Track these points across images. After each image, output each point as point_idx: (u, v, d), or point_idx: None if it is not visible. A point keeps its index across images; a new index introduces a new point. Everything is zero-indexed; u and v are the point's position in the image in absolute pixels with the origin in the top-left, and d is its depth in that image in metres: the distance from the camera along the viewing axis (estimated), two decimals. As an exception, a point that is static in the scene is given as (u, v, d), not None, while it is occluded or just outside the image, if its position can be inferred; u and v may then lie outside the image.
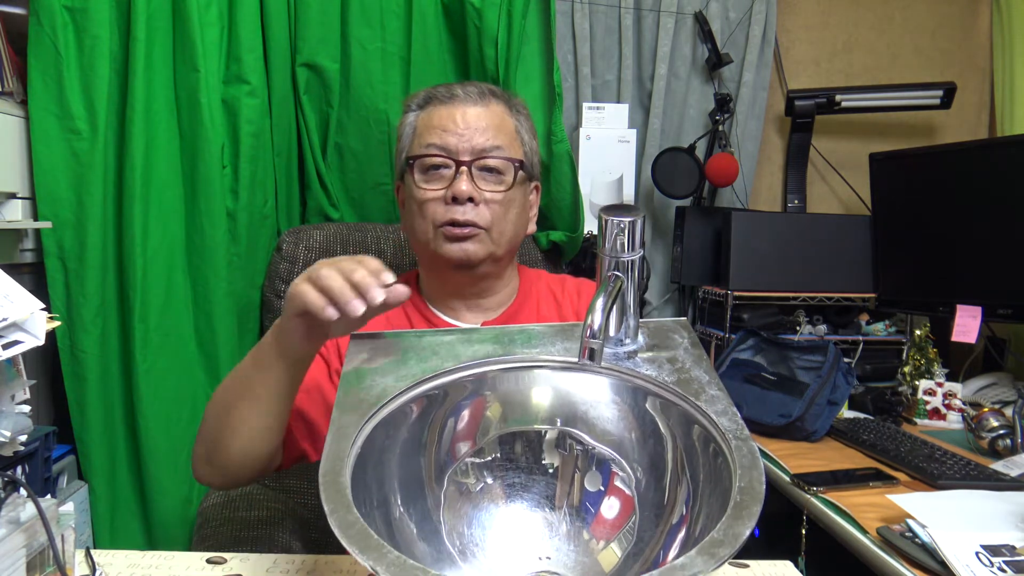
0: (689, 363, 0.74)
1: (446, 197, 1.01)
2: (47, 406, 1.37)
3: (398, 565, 0.52)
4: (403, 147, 1.09)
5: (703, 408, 0.68)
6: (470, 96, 1.05)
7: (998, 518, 1.02)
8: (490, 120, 1.04)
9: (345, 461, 0.62)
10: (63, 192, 1.28)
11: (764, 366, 1.66)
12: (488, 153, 1.03)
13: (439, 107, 1.05)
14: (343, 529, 0.55)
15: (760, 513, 0.56)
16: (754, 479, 0.59)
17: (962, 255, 1.68)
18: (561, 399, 0.76)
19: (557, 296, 1.14)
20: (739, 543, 0.53)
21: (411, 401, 0.72)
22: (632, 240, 0.73)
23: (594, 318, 0.66)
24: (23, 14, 1.28)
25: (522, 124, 1.10)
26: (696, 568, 0.51)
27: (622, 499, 0.73)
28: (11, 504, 0.65)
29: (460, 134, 1.02)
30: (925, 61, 2.10)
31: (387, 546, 0.53)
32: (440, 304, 1.10)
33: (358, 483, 0.62)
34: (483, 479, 0.75)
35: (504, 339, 0.78)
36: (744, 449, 0.62)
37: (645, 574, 0.63)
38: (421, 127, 1.06)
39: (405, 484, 0.71)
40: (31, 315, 0.65)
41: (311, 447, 0.97)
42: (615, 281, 0.72)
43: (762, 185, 2.08)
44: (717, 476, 0.64)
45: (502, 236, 1.04)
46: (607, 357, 0.75)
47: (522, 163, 1.06)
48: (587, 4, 1.87)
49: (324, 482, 0.59)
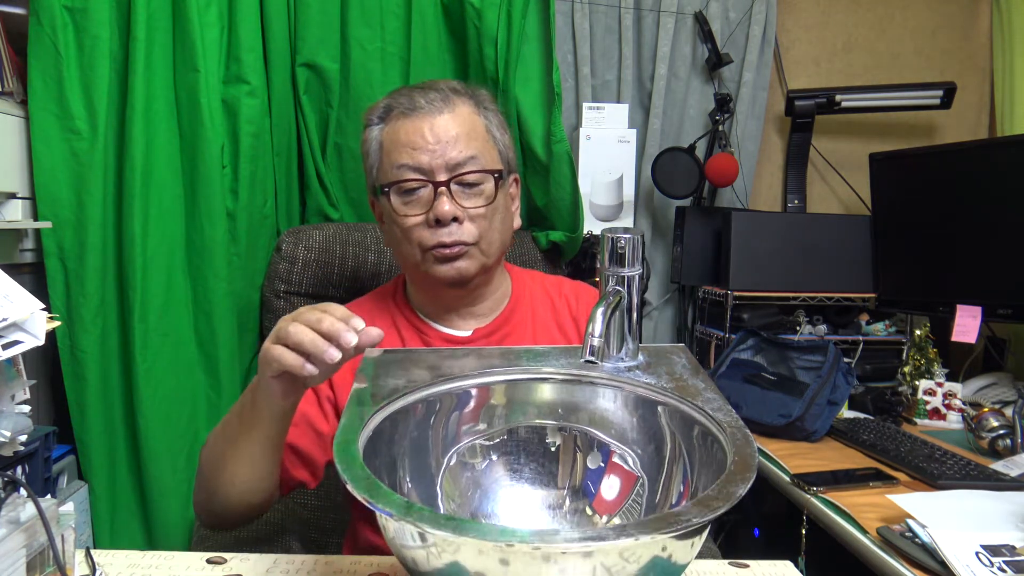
0: (687, 375, 0.78)
1: (428, 220, 0.99)
2: (47, 406, 1.37)
3: (406, 508, 0.55)
4: (372, 165, 1.05)
5: (700, 406, 0.71)
6: (433, 104, 1.00)
7: (998, 518, 1.02)
8: (460, 127, 1.00)
9: (359, 434, 0.65)
10: (63, 192, 1.28)
11: (764, 366, 1.67)
12: (464, 167, 0.99)
13: (403, 120, 1.00)
14: (355, 482, 0.58)
15: (753, 481, 0.59)
16: (747, 454, 0.62)
17: (962, 255, 1.68)
18: (564, 403, 0.80)
19: (553, 299, 1.13)
20: (733, 500, 0.56)
21: (419, 401, 0.76)
22: (632, 256, 0.78)
23: (595, 324, 0.71)
24: (23, 14, 1.28)
25: (491, 120, 1.06)
26: (691, 515, 0.54)
27: (622, 476, 0.77)
28: (11, 504, 0.65)
29: (431, 150, 0.98)
30: (925, 61, 2.10)
31: (395, 494, 0.57)
32: (430, 314, 1.09)
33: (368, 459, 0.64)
34: (488, 458, 0.78)
35: (511, 356, 0.82)
36: (739, 435, 0.66)
37: (641, 518, 0.69)
38: (388, 144, 1.02)
39: (414, 466, 0.75)
40: (31, 315, 0.65)
41: (309, 475, 0.98)
42: (616, 295, 0.77)
43: (762, 185, 2.08)
44: (712, 457, 0.68)
45: (491, 247, 1.02)
46: (608, 371, 0.79)
47: (500, 172, 1.03)
48: (587, 4, 1.87)
49: (338, 449, 0.63)
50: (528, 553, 0.51)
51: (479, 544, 0.52)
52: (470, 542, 0.52)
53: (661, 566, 0.56)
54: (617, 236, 0.78)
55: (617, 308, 0.78)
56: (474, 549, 0.52)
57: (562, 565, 0.52)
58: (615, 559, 0.53)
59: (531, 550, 0.51)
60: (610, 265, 0.78)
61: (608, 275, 0.79)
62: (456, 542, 0.52)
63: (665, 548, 0.55)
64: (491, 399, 0.79)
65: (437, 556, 0.55)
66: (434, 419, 0.77)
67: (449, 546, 0.53)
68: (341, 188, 1.56)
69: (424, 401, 0.75)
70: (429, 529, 0.53)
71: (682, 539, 0.56)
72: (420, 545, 0.55)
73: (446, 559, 0.54)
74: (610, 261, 0.78)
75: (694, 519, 0.53)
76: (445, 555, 0.54)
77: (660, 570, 0.56)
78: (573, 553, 0.52)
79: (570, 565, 0.52)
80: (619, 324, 0.79)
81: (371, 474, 0.59)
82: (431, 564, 0.55)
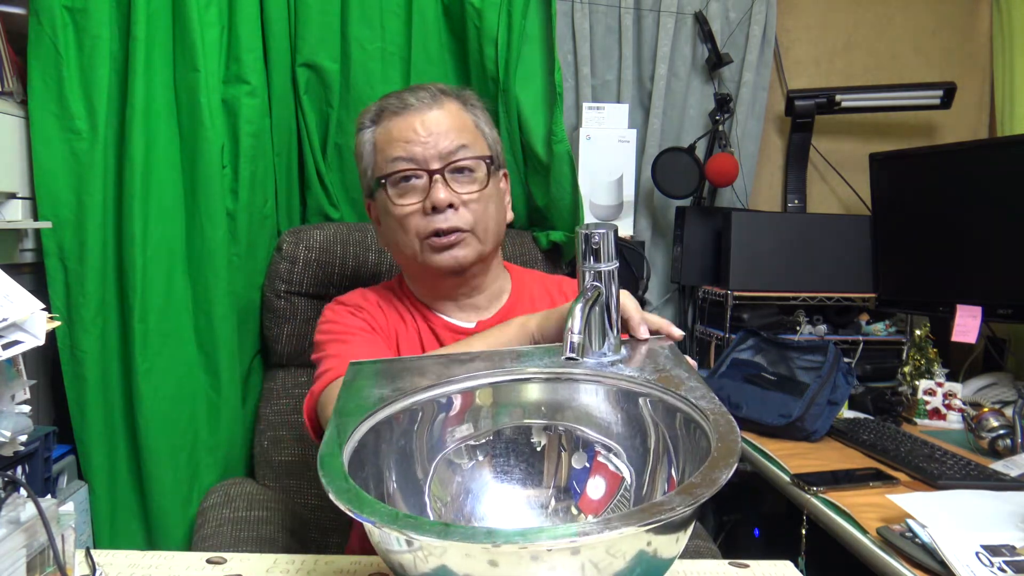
0: (670, 366, 0.78)
1: (424, 208, 1.01)
2: (47, 406, 1.37)
3: (390, 516, 0.55)
4: (366, 166, 1.08)
5: (683, 395, 0.71)
6: (423, 102, 1.04)
7: (998, 518, 1.02)
8: (450, 122, 1.04)
9: (343, 448, 0.65)
10: (63, 192, 1.28)
11: (764, 366, 1.67)
12: (456, 155, 1.02)
13: (395, 119, 1.04)
14: (338, 494, 0.58)
15: (736, 465, 0.59)
16: (730, 440, 0.62)
17: (962, 255, 1.68)
18: (548, 402, 0.80)
19: (554, 296, 1.14)
20: (716, 486, 0.56)
21: (404, 409, 0.75)
22: (607, 251, 0.79)
23: (574, 320, 0.72)
24: (23, 14, 1.28)
25: (479, 117, 1.09)
26: (675, 504, 0.54)
27: (607, 476, 0.77)
28: (11, 504, 0.65)
29: (424, 142, 1.02)
30: (925, 61, 2.10)
31: (380, 502, 0.57)
32: (431, 305, 1.11)
33: (354, 470, 0.64)
34: (475, 458, 0.79)
35: (495, 358, 0.83)
36: (722, 420, 0.65)
37: (627, 510, 0.69)
38: (381, 142, 1.05)
39: (401, 473, 0.74)
40: (31, 315, 0.65)
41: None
42: (593, 290, 0.78)
43: (762, 185, 2.08)
44: (696, 445, 0.68)
45: (487, 233, 1.05)
46: (590, 366, 0.79)
47: (491, 158, 1.06)
48: (587, 4, 1.87)
49: (322, 462, 0.63)
50: (515, 553, 0.51)
51: (465, 547, 0.52)
52: (456, 546, 0.52)
53: (647, 561, 0.56)
54: (590, 232, 0.78)
55: (596, 303, 0.78)
56: (460, 552, 0.52)
57: (550, 563, 0.52)
58: (602, 555, 0.53)
59: (517, 550, 0.51)
60: (585, 261, 0.79)
61: (585, 271, 0.79)
62: (442, 546, 0.52)
63: (650, 543, 0.55)
64: (476, 402, 0.79)
65: (424, 560, 0.55)
66: (419, 426, 0.77)
67: (436, 550, 0.53)
68: (341, 188, 1.56)
69: (409, 409, 0.75)
70: (413, 535, 0.53)
71: (667, 532, 0.56)
72: (407, 550, 0.55)
73: (433, 563, 0.54)
74: (585, 257, 0.79)
75: (677, 507, 0.53)
76: (432, 559, 0.54)
77: (646, 565, 0.56)
78: (560, 550, 0.51)
79: (558, 563, 0.52)
80: (599, 319, 0.80)
81: (355, 484, 0.59)
82: (418, 569, 0.55)
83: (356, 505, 0.57)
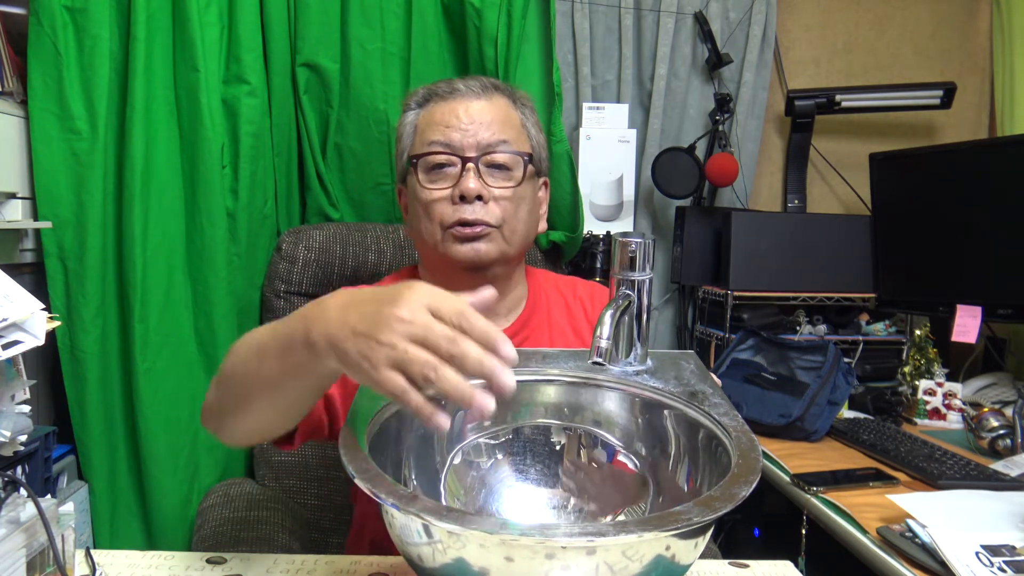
0: (695, 381, 0.79)
1: (453, 196, 0.97)
2: (47, 406, 1.37)
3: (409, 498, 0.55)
4: (404, 148, 1.04)
5: (706, 411, 0.72)
6: (472, 90, 1.01)
7: (998, 518, 1.02)
8: (495, 114, 1.00)
9: (365, 430, 0.65)
10: (63, 192, 1.28)
11: (764, 366, 1.67)
12: (495, 148, 0.98)
13: (440, 103, 1.01)
14: (360, 474, 0.58)
15: (756, 484, 0.59)
16: (752, 458, 0.63)
17: (962, 255, 1.68)
18: (570, 404, 0.80)
19: (568, 301, 1.11)
20: (736, 501, 0.56)
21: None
22: (642, 261, 0.79)
23: (603, 326, 0.72)
24: (23, 14, 1.28)
25: (528, 118, 1.05)
26: (692, 514, 0.54)
27: (624, 481, 0.77)
28: (11, 504, 0.65)
29: (464, 129, 0.98)
30: (925, 61, 2.10)
31: (400, 485, 0.57)
32: None
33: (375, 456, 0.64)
34: (494, 456, 0.79)
35: (522, 357, 0.81)
36: (744, 439, 0.66)
37: (643, 516, 0.70)
38: (422, 125, 1.01)
39: (420, 463, 0.75)
40: (31, 315, 0.65)
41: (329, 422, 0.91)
42: (625, 298, 0.78)
43: (762, 185, 2.08)
44: (717, 461, 0.68)
45: (514, 234, 0.99)
46: (616, 375, 0.79)
47: (531, 156, 1.02)
48: (587, 4, 1.87)
49: (344, 445, 0.62)
50: (531, 548, 0.51)
51: (481, 536, 0.52)
52: (474, 534, 0.52)
53: (664, 566, 0.56)
54: (628, 240, 0.78)
55: (626, 312, 0.78)
56: (477, 543, 0.52)
57: (564, 561, 0.52)
58: (618, 557, 0.53)
59: (534, 544, 0.51)
60: (620, 269, 0.78)
61: (618, 279, 0.79)
62: (460, 534, 0.52)
63: (669, 548, 0.55)
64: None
65: (443, 552, 0.55)
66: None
67: (453, 541, 0.53)
68: (341, 188, 1.56)
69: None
70: (433, 521, 0.53)
71: (685, 539, 0.56)
72: (426, 541, 0.55)
73: (451, 555, 0.54)
74: (620, 265, 0.78)
75: (695, 518, 0.53)
76: (451, 551, 0.54)
77: (663, 569, 0.56)
78: (575, 549, 0.51)
79: (573, 562, 0.52)
80: (628, 328, 0.79)
81: (377, 467, 0.59)
82: (436, 560, 0.55)
83: (378, 488, 0.56)
